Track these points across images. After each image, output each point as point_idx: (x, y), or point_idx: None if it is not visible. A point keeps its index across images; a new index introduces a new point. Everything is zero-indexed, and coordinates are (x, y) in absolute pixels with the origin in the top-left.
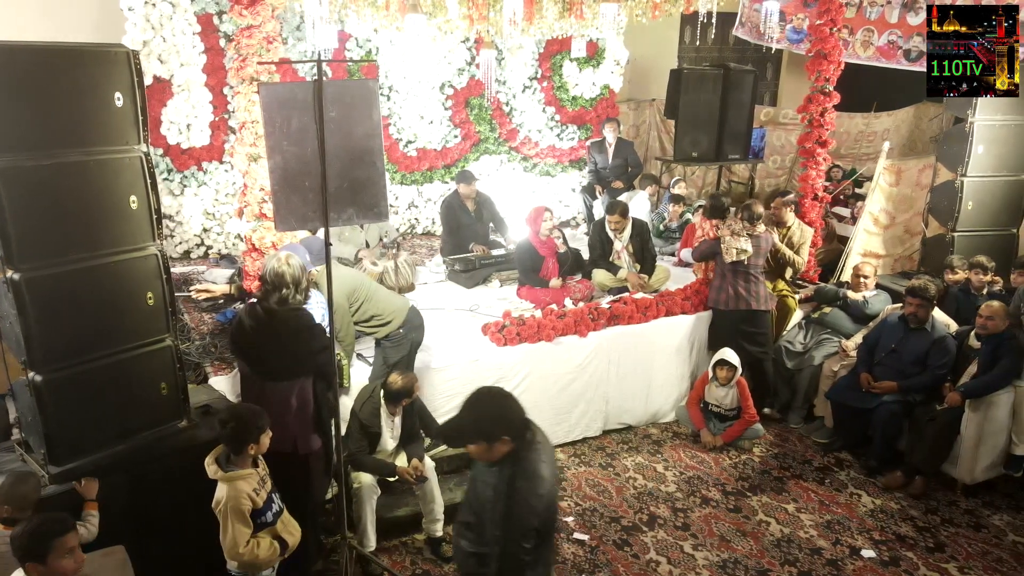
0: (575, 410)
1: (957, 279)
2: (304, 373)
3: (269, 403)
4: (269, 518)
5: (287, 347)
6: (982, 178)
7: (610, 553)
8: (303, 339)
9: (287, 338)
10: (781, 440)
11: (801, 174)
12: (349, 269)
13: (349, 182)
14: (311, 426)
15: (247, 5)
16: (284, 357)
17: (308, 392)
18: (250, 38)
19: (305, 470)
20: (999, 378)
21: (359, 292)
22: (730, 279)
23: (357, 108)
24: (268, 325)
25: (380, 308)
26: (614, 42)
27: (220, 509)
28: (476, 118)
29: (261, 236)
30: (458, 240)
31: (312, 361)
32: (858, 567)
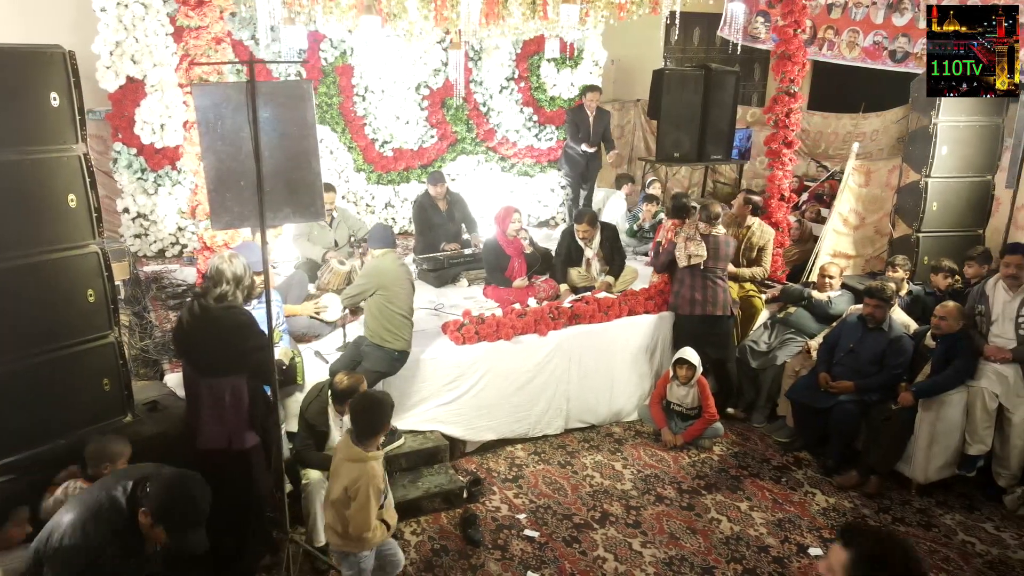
0: (535, 408)
1: (898, 277)
2: (238, 371)
3: (204, 399)
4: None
5: (220, 344)
6: (946, 179)
7: (559, 550)
8: (237, 337)
9: (221, 335)
10: (743, 439)
11: (768, 175)
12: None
13: (285, 181)
14: (246, 423)
15: (194, 7)
16: (218, 354)
17: (242, 390)
18: (198, 39)
19: (244, 466)
20: (951, 378)
21: (390, 293)
22: (688, 283)
23: (291, 108)
24: (203, 321)
25: (398, 324)
26: (592, 43)
27: (358, 487)
28: (452, 118)
29: (213, 235)
30: (430, 240)
31: (246, 359)
32: (803, 565)
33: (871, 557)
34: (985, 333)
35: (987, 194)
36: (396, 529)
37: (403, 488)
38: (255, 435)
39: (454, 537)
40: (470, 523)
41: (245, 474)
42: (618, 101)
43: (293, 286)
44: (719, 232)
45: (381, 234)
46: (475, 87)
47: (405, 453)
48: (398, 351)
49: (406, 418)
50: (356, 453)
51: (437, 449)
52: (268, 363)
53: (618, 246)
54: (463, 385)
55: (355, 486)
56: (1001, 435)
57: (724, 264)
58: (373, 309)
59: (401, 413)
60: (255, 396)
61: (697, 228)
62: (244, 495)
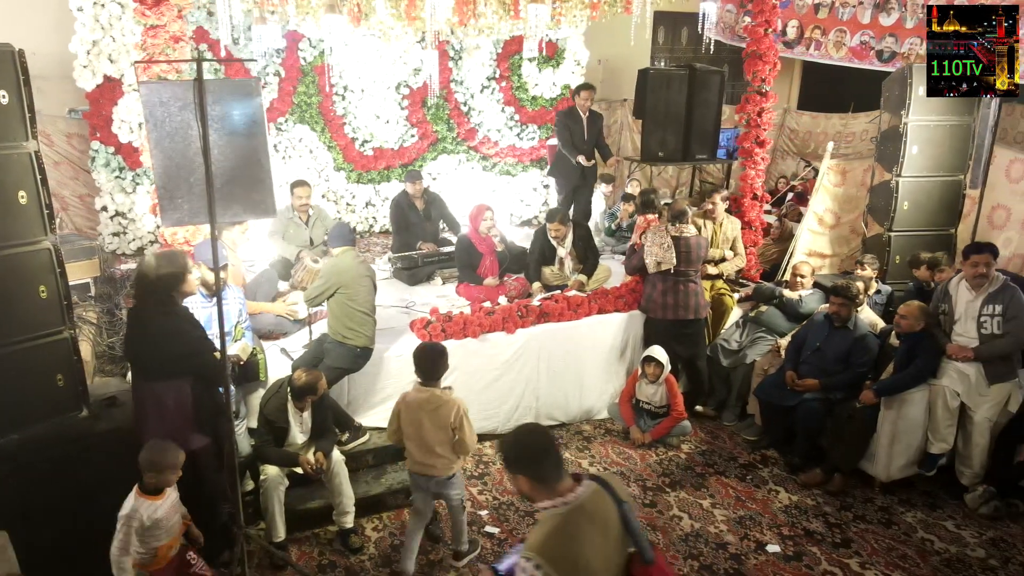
0: (504, 406)
1: (867, 276)
2: (178, 375)
3: (147, 401)
4: None
5: (153, 349)
6: (917, 178)
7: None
8: (165, 343)
9: (153, 340)
10: (712, 437)
11: (741, 174)
12: (361, 267)
13: (235, 179)
14: (191, 425)
15: (151, 6)
16: (152, 358)
17: (185, 393)
18: (155, 37)
19: (192, 466)
20: (912, 376)
21: (350, 291)
22: (660, 288)
23: (239, 106)
24: (135, 326)
25: (359, 321)
26: (574, 42)
27: (460, 417)
28: (433, 118)
29: (174, 232)
30: (406, 238)
31: (179, 365)
32: (760, 562)
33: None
34: (948, 332)
35: (958, 193)
36: (356, 524)
37: (366, 484)
38: (202, 437)
39: None
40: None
41: (193, 473)
42: (605, 101)
43: (262, 284)
44: (690, 233)
45: (340, 232)
46: (456, 87)
47: (372, 449)
48: (360, 348)
49: (372, 415)
50: (437, 397)
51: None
52: (206, 367)
53: (591, 245)
54: None
55: (456, 419)
56: (964, 434)
57: (697, 266)
58: (335, 307)
59: (367, 410)
60: (200, 398)
61: (667, 231)
62: (195, 493)
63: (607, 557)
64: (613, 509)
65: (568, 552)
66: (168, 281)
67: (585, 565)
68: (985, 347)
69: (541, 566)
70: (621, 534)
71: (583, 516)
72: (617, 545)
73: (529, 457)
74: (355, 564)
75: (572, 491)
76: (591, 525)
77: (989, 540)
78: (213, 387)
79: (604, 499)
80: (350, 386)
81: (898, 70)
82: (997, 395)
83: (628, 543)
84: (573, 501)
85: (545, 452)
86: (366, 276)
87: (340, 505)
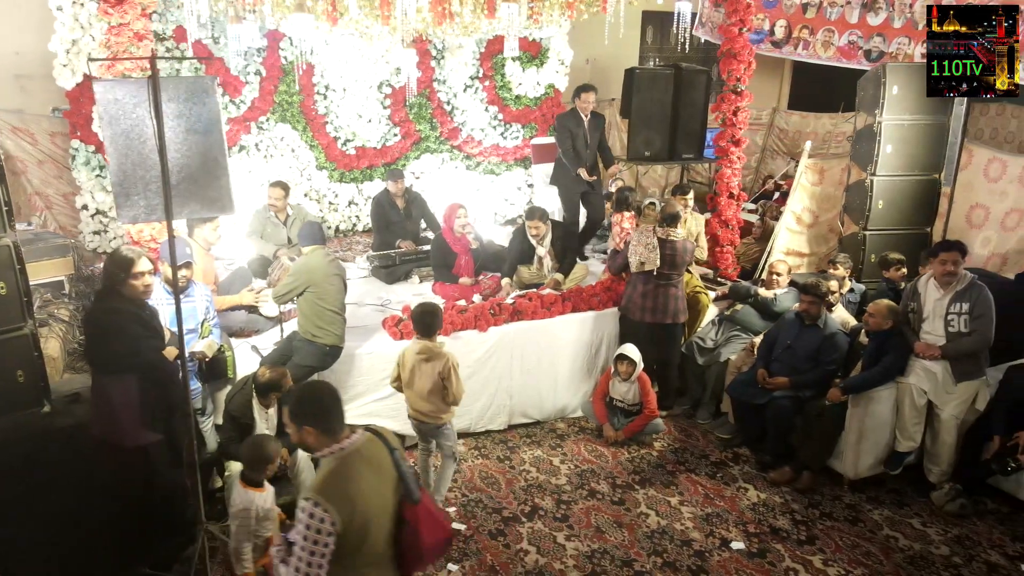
0: (477, 403)
1: (839, 275)
2: (121, 371)
3: (98, 396)
4: None
5: (97, 346)
6: (892, 177)
7: (482, 542)
8: (110, 341)
9: (96, 338)
10: (685, 436)
11: (717, 172)
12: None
13: (191, 176)
14: (139, 421)
15: (114, 4)
16: (99, 355)
17: (132, 390)
18: (119, 36)
19: (144, 461)
20: (880, 374)
21: (320, 290)
22: (640, 290)
23: (195, 104)
24: (85, 323)
25: (328, 320)
26: (558, 41)
27: (448, 369)
28: (416, 117)
29: (140, 229)
30: (387, 237)
31: (124, 362)
32: (723, 558)
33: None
34: (917, 330)
35: (933, 192)
36: None
37: None
38: (150, 434)
39: None
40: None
41: (145, 468)
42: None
43: (235, 281)
44: (677, 237)
45: (309, 231)
46: (438, 86)
47: None
48: (329, 346)
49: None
50: (430, 348)
51: None
52: (146, 367)
53: (571, 244)
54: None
55: (444, 369)
56: (931, 432)
57: (681, 270)
58: (304, 306)
59: None
60: (148, 396)
61: (654, 231)
62: (149, 488)
63: (382, 496)
64: (387, 455)
65: (346, 490)
66: (111, 279)
67: (362, 502)
68: (952, 345)
69: (320, 503)
70: (394, 477)
71: (359, 459)
72: (391, 486)
73: (318, 410)
74: None
75: (348, 438)
76: (367, 467)
77: (954, 538)
78: (164, 386)
79: (378, 446)
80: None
81: (872, 69)
82: (964, 393)
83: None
84: (349, 446)
85: (333, 405)
86: (335, 275)
87: None
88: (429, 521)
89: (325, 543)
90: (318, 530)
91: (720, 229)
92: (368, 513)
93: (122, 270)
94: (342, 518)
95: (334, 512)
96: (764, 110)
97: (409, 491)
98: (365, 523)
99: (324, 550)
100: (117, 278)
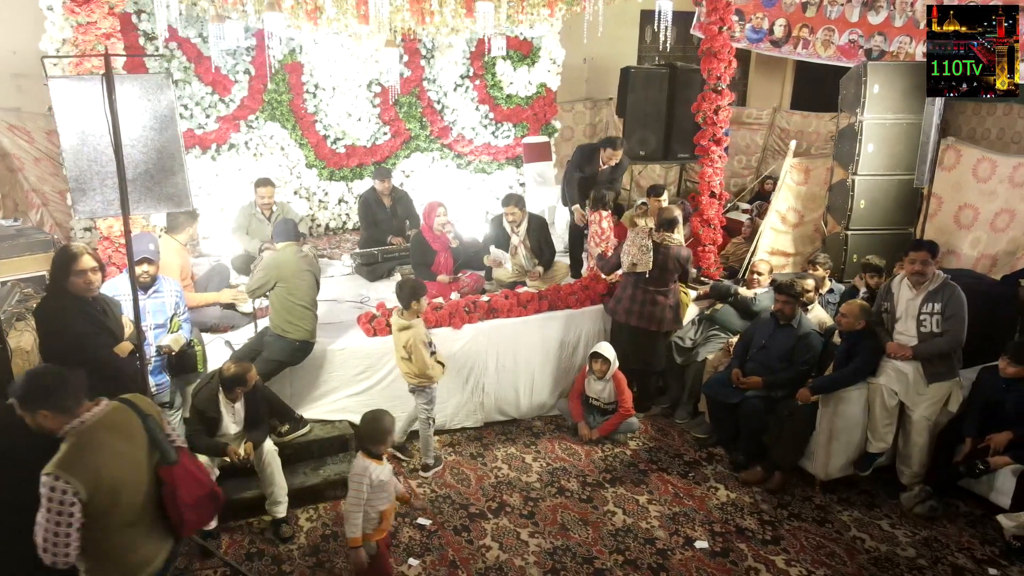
0: (451, 400)
1: (819, 275)
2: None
3: None
4: (432, 349)
5: (44, 342)
6: (873, 176)
7: (446, 538)
8: (50, 336)
9: (41, 334)
10: (661, 435)
11: (699, 171)
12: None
13: (147, 172)
14: None
15: (80, 3)
16: (46, 349)
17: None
18: (86, 35)
19: None
20: (850, 375)
21: (290, 285)
22: (629, 293)
23: (150, 101)
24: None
25: (298, 315)
26: (550, 40)
27: (412, 343)
28: (406, 116)
29: (110, 225)
30: (374, 234)
31: (72, 357)
32: (685, 557)
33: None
34: (891, 330)
35: (916, 192)
36: (291, 514)
37: (304, 475)
38: None
39: None
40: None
41: None
42: (591, 100)
43: (213, 277)
44: (673, 242)
45: (284, 228)
46: (428, 85)
47: (315, 441)
48: (299, 341)
49: (315, 408)
50: (401, 322)
51: (342, 438)
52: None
53: (546, 238)
54: (374, 376)
55: (409, 343)
56: (903, 433)
57: (670, 277)
58: (275, 301)
59: (310, 403)
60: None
61: (650, 234)
62: None
63: (134, 460)
64: (137, 421)
65: (89, 461)
66: (56, 274)
67: (109, 469)
68: (923, 346)
69: (60, 476)
70: (146, 441)
71: (102, 429)
72: (145, 452)
73: (44, 393)
74: (283, 553)
75: (89, 411)
76: (112, 435)
77: (922, 540)
78: (114, 380)
79: (127, 414)
80: (293, 379)
81: (853, 68)
82: (935, 394)
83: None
84: (90, 419)
85: (58, 385)
86: (307, 271)
87: (272, 495)
88: (187, 480)
89: (69, 512)
90: (60, 501)
91: (702, 228)
92: (117, 478)
93: (65, 266)
94: (86, 487)
95: (76, 483)
96: (765, 110)
97: (165, 453)
98: (115, 488)
99: (69, 519)
100: (61, 274)
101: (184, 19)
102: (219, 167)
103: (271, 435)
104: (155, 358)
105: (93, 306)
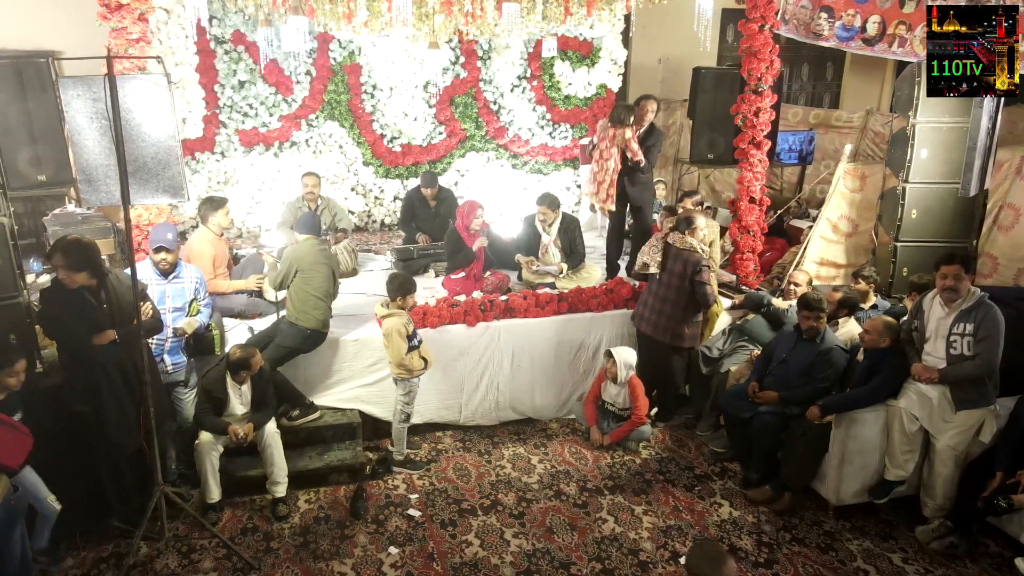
0: (464, 397)
1: (862, 289)
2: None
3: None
4: (415, 343)
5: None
6: (927, 184)
7: (431, 530)
8: (47, 325)
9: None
10: (678, 446)
11: (738, 176)
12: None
13: (147, 165)
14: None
15: (112, 10)
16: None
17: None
18: (117, 38)
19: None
20: (865, 395)
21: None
22: (644, 295)
23: (150, 99)
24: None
25: (312, 305)
26: (610, 41)
27: (387, 332)
28: (461, 116)
29: (139, 215)
30: (411, 231)
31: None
32: (667, 572)
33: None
34: (920, 351)
35: (975, 201)
36: (291, 495)
37: (309, 458)
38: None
39: (341, 509)
40: (359, 497)
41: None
42: (665, 101)
43: (247, 267)
44: (684, 245)
45: (306, 221)
46: (484, 86)
47: (325, 427)
48: (311, 330)
49: (327, 395)
50: (383, 310)
51: (351, 426)
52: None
53: (577, 238)
54: (386, 368)
55: (387, 331)
56: (928, 462)
57: (678, 284)
58: (292, 291)
59: (323, 391)
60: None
61: (666, 235)
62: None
63: None
64: None
65: None
66: (55, 267)
67: None
68: (951, 369)
69: None
70: None
71: None
72: None
73: None
74: (275, 530)
75: None
76: None
77: None
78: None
79: None
80: (307, 366)
81: (908, 67)
82: (964, 422)
83: None
84: None
85: None
86: (324, 263)
87: (272, 475)
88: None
89: None
90: None
91: (740, 235)
92: None
93: (51, 259)
94: None
95: None
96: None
97: None
98: None
99: None
100: (55, 268)
101: (252, 23)
102: (281, 163)
103: (282, 419)
104: (172, 340)
105: (88, 293)
